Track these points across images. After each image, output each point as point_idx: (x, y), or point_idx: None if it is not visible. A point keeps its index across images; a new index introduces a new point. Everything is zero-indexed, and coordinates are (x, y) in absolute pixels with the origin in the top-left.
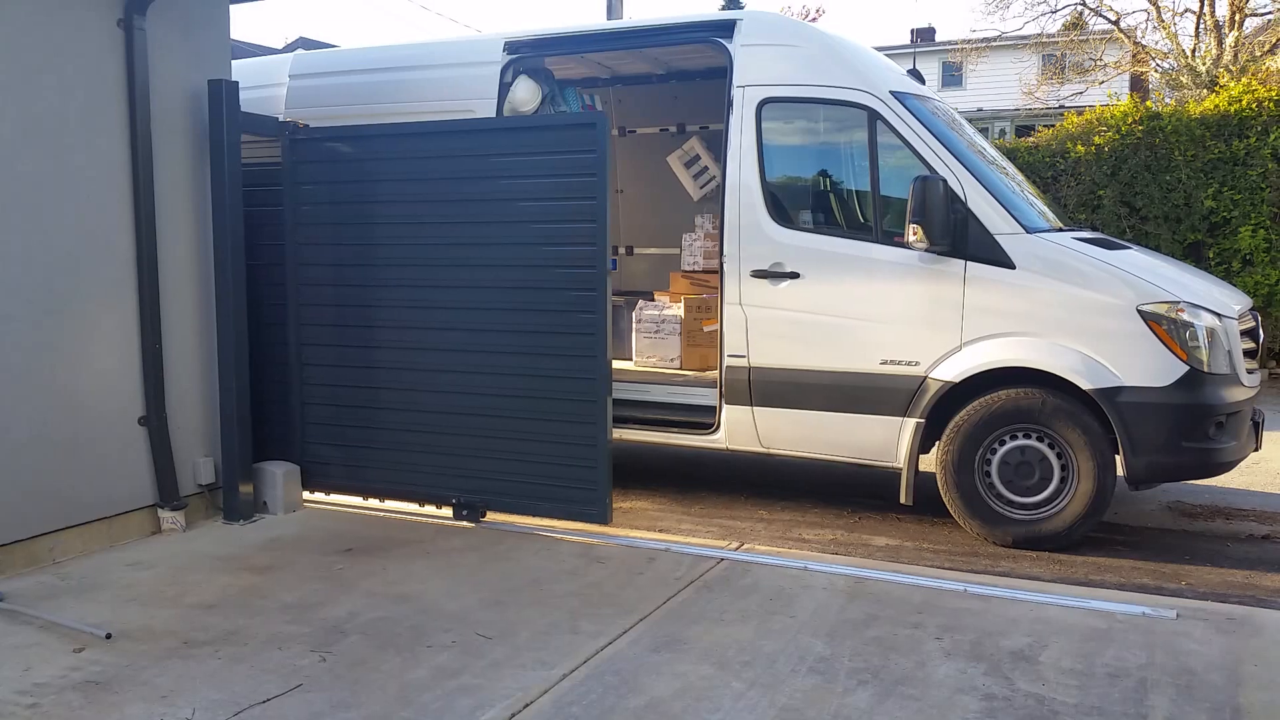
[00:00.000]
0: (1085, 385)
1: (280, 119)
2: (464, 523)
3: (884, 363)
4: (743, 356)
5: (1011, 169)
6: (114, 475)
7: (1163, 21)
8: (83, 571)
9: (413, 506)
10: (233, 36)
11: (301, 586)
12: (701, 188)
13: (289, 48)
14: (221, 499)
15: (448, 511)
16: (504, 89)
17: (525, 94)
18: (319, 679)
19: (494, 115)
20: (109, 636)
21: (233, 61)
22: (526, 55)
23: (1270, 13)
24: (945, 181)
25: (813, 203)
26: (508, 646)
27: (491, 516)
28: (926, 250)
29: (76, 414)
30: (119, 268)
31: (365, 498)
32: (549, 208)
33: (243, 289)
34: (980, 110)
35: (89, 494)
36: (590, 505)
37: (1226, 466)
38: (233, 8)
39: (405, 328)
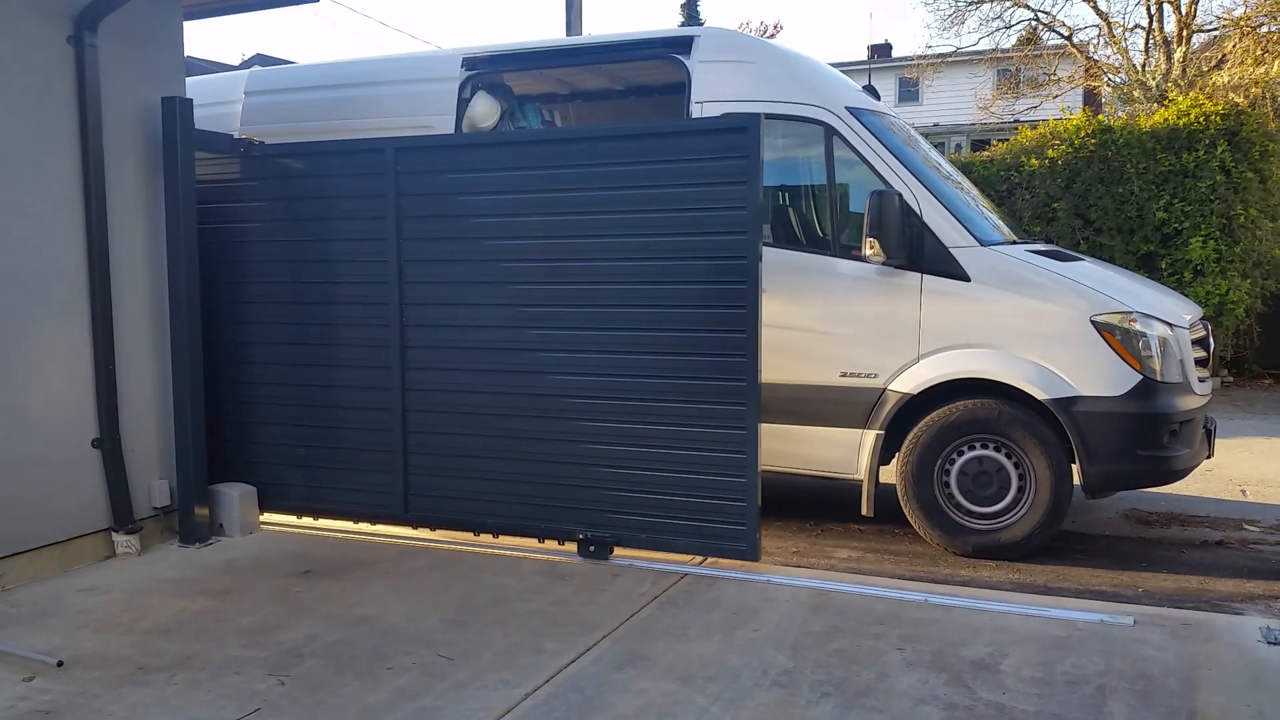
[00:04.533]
0: (1041, 395)
1: (235, 136)
2: (591, 559)
3: (843, 375)
4: None
5: (967, 183)
6: (66, 499)
7: (1114, 37)
8: (34, 598)
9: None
10: (187, 53)
11: (259, 610)
12: None
13: (245, 64)
14: (177, 522)
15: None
16: (462, 105)
17: (484, 110)
18: (277, 703)
19: (453, 131)
20: (60, 664)
21: (187, 78)
22: (485, 71)
23: (1216, 29)
24: (901, 196)
25: (771, 217)
26: (470, 667)
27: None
28: (883, 264)
29: (27, 437)
30: (70, 288)
31: (476, 534)
32: (692, 218)
33: (196, 307)
34: (936, 125)
35: (40, 518)
36: (737, 540)
37: (1180, 474)
38: (187, 24)
39: (521, 350)
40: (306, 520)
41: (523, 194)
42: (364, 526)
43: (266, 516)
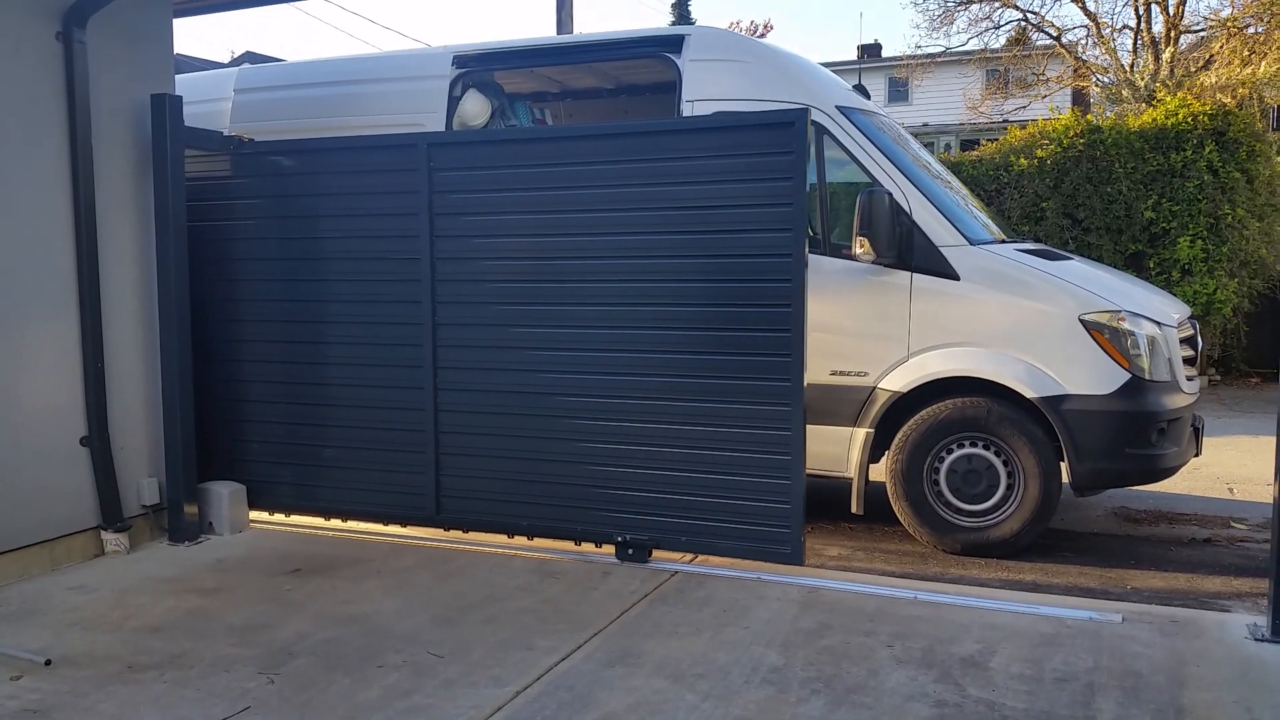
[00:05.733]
0: (1030, 394)
1: (225, 133)
2: (630, 563)
3: (834, 373)
4: None
5: (956, 182)
6: (55, 497)
7: (1102, 38)
8: (22, 597)
9: (367, 525)
10: (177, 51)
11: (249, 608)
12: None
13: (235, 62)
14: (166, 520)
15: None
16: (453, 103)
17: (475, 108)
18: (267, 701)
19: (443, 129)
20: (49, 663)
21: (177, 76)
22: (475, 69)
23: (1203, 30)
24: (891, 195)
25: None
26: (461, 665)
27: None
28: (874, 262)
29: (15, 435)
30: (59, 286)
31: (511, 536)
32: (736, 214)
33: (186, 305)
34: (926, 125)
35: (28, 517)
36: (780, 543)
37: (1168, 472)
38: (176, 21)
39: (558, 350)
40: (296, 518)
41: (560, 190)
42: (355, 525)
43: (255, 515)
